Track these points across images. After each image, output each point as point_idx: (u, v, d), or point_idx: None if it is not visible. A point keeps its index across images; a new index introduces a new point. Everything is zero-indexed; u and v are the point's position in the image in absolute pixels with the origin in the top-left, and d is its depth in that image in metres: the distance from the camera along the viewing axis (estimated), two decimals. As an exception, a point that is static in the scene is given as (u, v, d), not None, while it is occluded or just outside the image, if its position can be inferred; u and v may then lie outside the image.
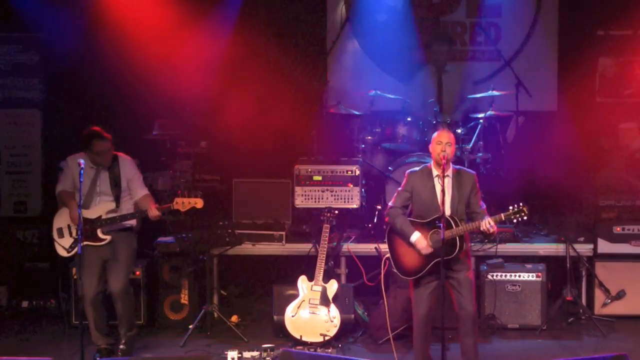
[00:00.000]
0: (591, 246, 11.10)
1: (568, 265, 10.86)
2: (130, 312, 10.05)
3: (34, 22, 12.01)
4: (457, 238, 8.96)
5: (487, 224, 8.94)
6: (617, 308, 11.01)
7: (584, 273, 11.10)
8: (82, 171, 9.33)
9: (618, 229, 11.09)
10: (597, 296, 11.04)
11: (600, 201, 11.44)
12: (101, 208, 9.79)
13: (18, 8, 11.91)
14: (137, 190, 9.95)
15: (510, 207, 9.00)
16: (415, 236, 9.06)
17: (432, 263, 9.02)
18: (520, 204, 8.99)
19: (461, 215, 9.07)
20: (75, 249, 9.58)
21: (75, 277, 10.70)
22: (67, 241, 9.84)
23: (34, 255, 12.07)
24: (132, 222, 9.93)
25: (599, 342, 10.34)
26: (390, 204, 9.31)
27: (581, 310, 10.84)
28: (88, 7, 12.01)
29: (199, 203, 9.84)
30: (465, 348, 9.21)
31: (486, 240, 10.82)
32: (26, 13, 11.95)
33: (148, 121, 12.32)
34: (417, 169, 9.28)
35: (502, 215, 9.02)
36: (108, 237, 9.78)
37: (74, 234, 9.75)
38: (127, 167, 9.95)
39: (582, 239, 11.18)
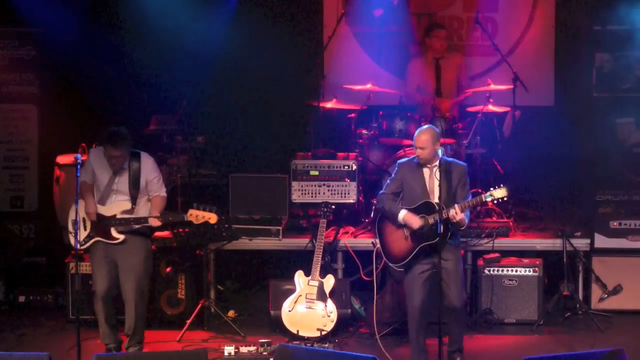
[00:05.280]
0: (588, 241, 11.10)
1: (565, 260, 10.87)
2: (140, 321, 9.70)
3: (31, 17, 11.97)
4: (441, 223, 8.98)
5: (452, 210, 9.01)
6: (614, 303, 11.01)
7: (580, 268, 11.10)
8: (78, 166, 9.24)
9: (615, 223, 11.09)
10: (593, 291, 11.05)
11: (597, 196, 11.40)
12: (116, 207, 9.58)
13: (14, 3, 11.88)
14: (154, 191, 9.68)
15: (491, 189, 9.09)
16: (403, 213, 9.20)
17: (418, 247, 9.12)
18: (501, 185, 9.04)
19: (447, 203, 9.13)
20: (89, 242, 9.57)
21: (72, 271, 10.70)
22: (81, 234, 9.60)
23: (30, 249, 12.09)
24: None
25: (595, 337, 10.34)
26: (380, 191, 9.42)
27: (578, 305, 10.85)
28: (84, 2, 11.99)
29: (212, 218, 9.56)
30: (452, 338, 9.37)
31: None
32: (22, 8, 11.92)
33: (144, 116, 12.30)
34: (406, 159, 9.47)
35: (482, 196, 9.08)
36: (122, 237, 9.56)
37: (88, 228, 9.62)
38: (149, 167, 9.68)
39: (579, 233, 11.18)
